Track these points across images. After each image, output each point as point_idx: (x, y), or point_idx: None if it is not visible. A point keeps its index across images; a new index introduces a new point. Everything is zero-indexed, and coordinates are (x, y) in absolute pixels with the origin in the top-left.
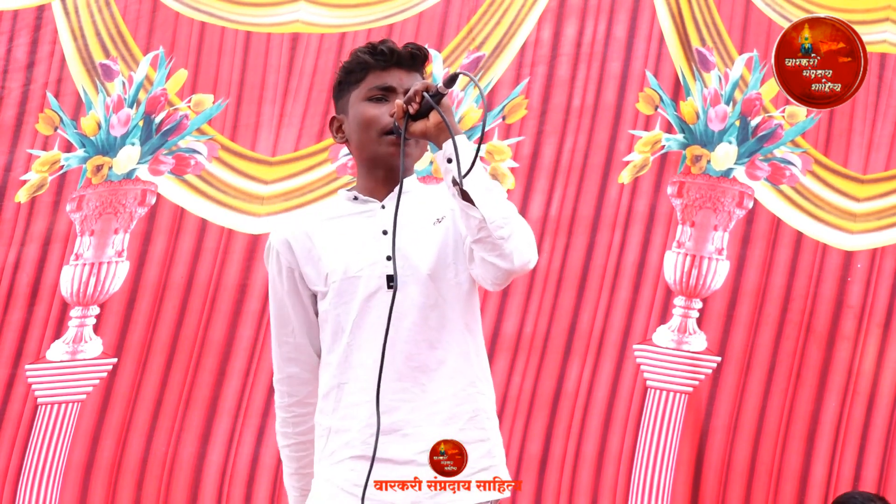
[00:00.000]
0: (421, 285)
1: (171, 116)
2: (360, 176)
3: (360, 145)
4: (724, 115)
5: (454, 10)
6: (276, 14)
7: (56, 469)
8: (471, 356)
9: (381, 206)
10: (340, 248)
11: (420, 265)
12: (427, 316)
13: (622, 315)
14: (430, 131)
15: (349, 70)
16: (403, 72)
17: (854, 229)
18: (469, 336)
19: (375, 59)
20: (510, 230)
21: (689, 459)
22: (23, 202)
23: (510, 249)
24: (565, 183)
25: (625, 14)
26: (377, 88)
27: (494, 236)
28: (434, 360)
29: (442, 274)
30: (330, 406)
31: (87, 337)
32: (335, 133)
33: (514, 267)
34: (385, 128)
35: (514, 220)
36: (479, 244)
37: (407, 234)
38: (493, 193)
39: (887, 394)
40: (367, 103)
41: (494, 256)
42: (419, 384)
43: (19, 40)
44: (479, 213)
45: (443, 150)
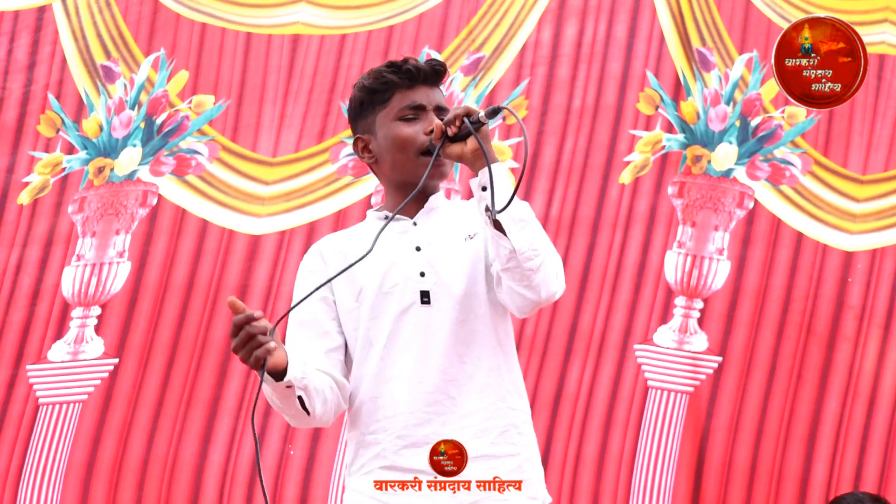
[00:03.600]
0: (453, 301)
1: (173, 118)
2: (390, 195)
3: (396, 165)
4: (725, 116)
5: (454, 11)
6: (276, 15)
7: (57, 469)
8: (502, 371)
9: (413, 223)
10: (375, 264)
11: (452, 282)
12: (458, 331)
13: (623, 315)
14: (466, 156)
15: (374, 90)
16: (429, 88)
17: (854, 230)
18: (500, 351)
19: (401, 79)
20: (540, 262)
21: (690, 459)
22: (25, 204)
23: (538, 281)
24: (566, 183)
25: (625, 14)
26: (408, 108)
27: (524, 267)
28: (464, 374)
29: (473, 290)
30: (362, 420)
31: (89, 337)
32: (361, 153)
33: (540, 299)
34: (422, 147)
35: (545, 251)
36: (508, 273)
37: (439, 249)
38: (525, 223)
39: (888, 394)
40: (400, 123)
41: (522, 287)
42: (451, 398)
43: (20, 41)
44: (510, 243)
45: (478, 177)
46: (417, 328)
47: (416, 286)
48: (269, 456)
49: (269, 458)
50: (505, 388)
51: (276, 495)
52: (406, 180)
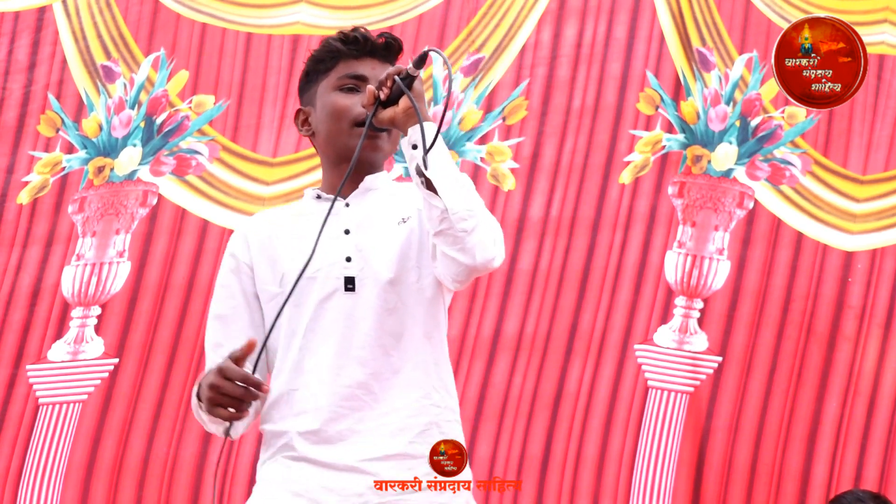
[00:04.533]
0: (379, 288)
1: (173, 117)
2: (325, 171)
3: (329, 137)
4: (725, 116)
5: (454, 11)
6: (277, 15)
7: (57, 469)
8: (429, 366)
9: (346, 203)
10: (299, 247)
11: (380, 268)
12: (384, 321)
13: (623, 315)
14: (398, 118)
15: (318, 59)
16: (377, 61)
17: (854, 230)
18: (428, 345)
19: (347, 48)
20: (474, 223)
21: (691, 459)
22: (24, 204)
23: (472, 244)
24: (566, 183)
25: (625, 14)
26: (348, 77)
27: (456, 228)
28: (389, 368)
29: (403, 277)
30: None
31: (89, 337)
32: (300, 126)
33: (475, 263)
34: (357, 118)
35: (480, 213)
36: (441, 237)
37: (369, 233)
38: (459, 184)
39: (888, 394)
40: (338, 93)
41: (455, 250)
42: (371, 393)
43: (20, 42)
44: (442, 202)
45: (408, 136)
46: (339, 317)
47: (341, 272)
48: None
49: None
50: (431, 385)
51: None
52: (340, 154)
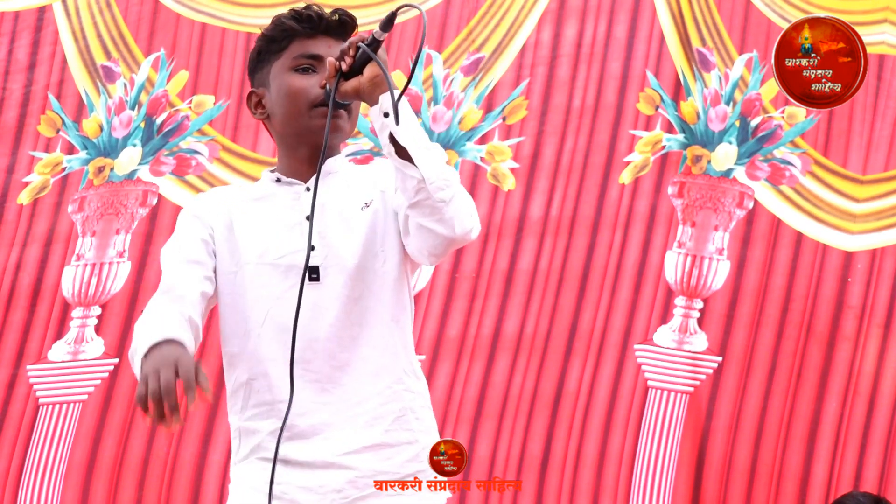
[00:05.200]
0: (345, 276)
1: (173, 117)
2: (283, 155)
3: (286, 120)
4: (725, 116)
5: (454, 11)
6: None
7: (57, 469)
8: (398, 350)
9: (306, 188)
10: (259, 232)
11: (345, 255)
12: (350, 310)
13: (623, 315)
14: (364, 87)
15: (271, 38)
16: (332, 40)
17: (854, 230)
18: (396, 329)
19: (301, 26)
20: (451, 193)
21: (690, 459)
22: (25, 204)
23: (451, 214)
24: (566, 183)
25: (625, 14)
26: (303, 57)
27: (434, 198)
28: (357, 357)
29: (369, 264)
30: (238, 404)
31: (89, 337)
32: (254, 109)
33: (454, 234)
34: (315, 99)
35: (456, 184)
36: (417, 208)
37: (332, 220)
38: (434, 153)
39: (888, 394)
40: (294, 74)
41: (433, 221)
42: (340, 385)
43: (20, 41)
44: (419, 172)
45: (379, 103)
46: (304, 307)
47: (303, 260)
48: None
49: None
50: (401, 369)
51: None
52: (298, 137)
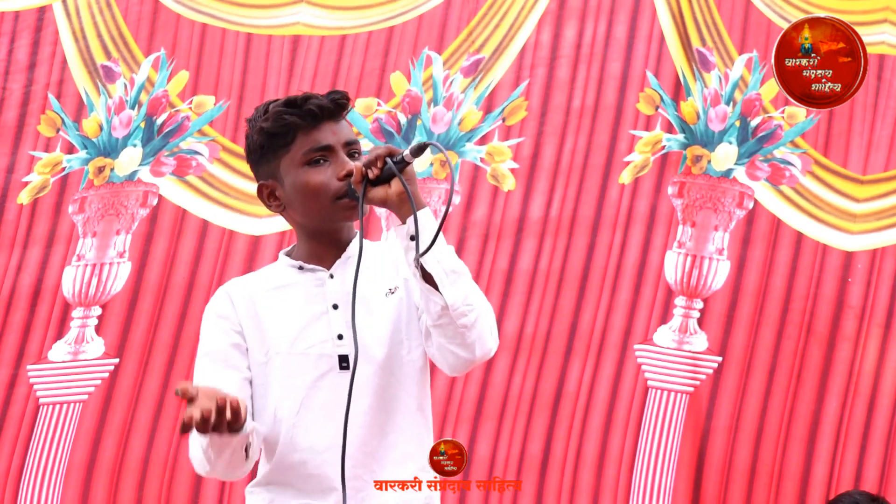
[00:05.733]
0: (375, 366)
1: (173, 118)
2: (303, 241)
3: (308, 214)
4: (725, 116)
5: (454, 12)
6: (276, 16)
7: (58, 469)
8: (423, 439)
9: (330, 274)
10: (286, 322)
11: (373, 345)
12: (380, 398)
13: (623, 315)
14: (391, 200)
15: (273, 134)
16: (333, 123)
17: (854, 230)
18: (421, 417)
19: (303, 119)
20: (474, 318)
21: (690, 459)
22: (25, 204)
23: (473, 339)
24: (566, 184)
25: (625, 15)
26: (314, 151)
27: (457, 324)
28: (385, 445)
29: (395, 353)
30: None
31: (89, 337)
32: (268, 199)
33: (475, 357)
34: (337, 192)
35: (479, 305)
36: (440, 329)
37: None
38: (458, 276)
39: (888, 394)
40: (308, 169)
41: (455, 345)
42: (371, 471)
43: (20, 41)
44: (442, 299)
45: (405, 224)
46: (335, 396)
47: (334, 350)
48: None
49: None
50: (425, 457)
51: None
52: (320, 228)
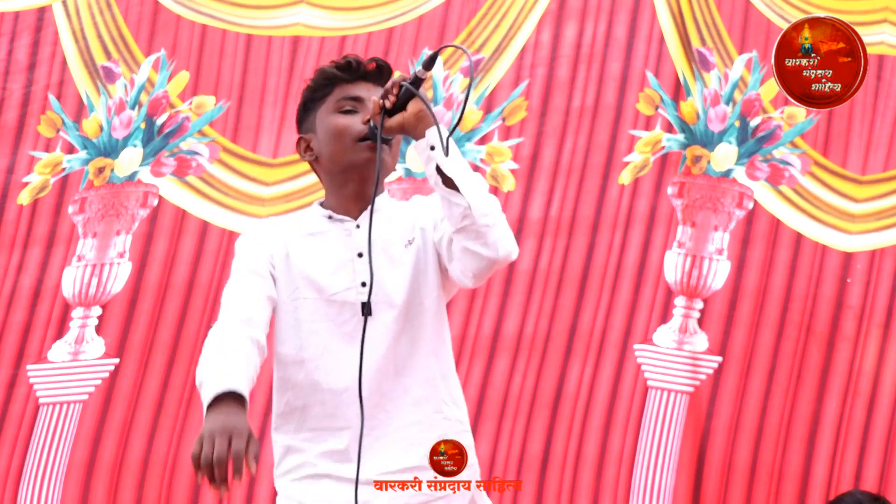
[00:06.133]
0: (394, 312)
1: (173, 118)
2: (331, 192)
3: (333, 157)
4: (724, 116)
5: (454, 12)
6: (277, 17)
7: (57, 469)
8: (437, 381)
9: (356, 225)
10: (315, 268)
11: (393, 292)
12: (397, 343)
13: (623, 315)
14: (408, 122)
15: (314, 87)
16: (371, 84)
17: (853, 230)
18: (434, 360)
19: (342, 73)
20: (494, 218)
21: (691, 459)
22: (25, 204)
23: (495, 238)
24: (565, 184)
25: (625, 15)
26: (346, 99)
27: (479, 224)
28: (400, 387)
29: (413, 300)
30: (291, 426)
31: (89, 337)
32: (304, 152)
33: (498, 256)
34: (359, 134)
35: (496, 208)
36: (463, 233)
37: (379, 257)
38: (476, 181)
39: (888, 394)
40: (338, 115)
41: (479, 245)
42: (385, 411)
43: (20, 42)
44: (464, 200)
45: (425, 137)
46: (356, 340)
47: (357, 297)
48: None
49: (270, 458)
50: (440, 398)
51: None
52: (345, 172)
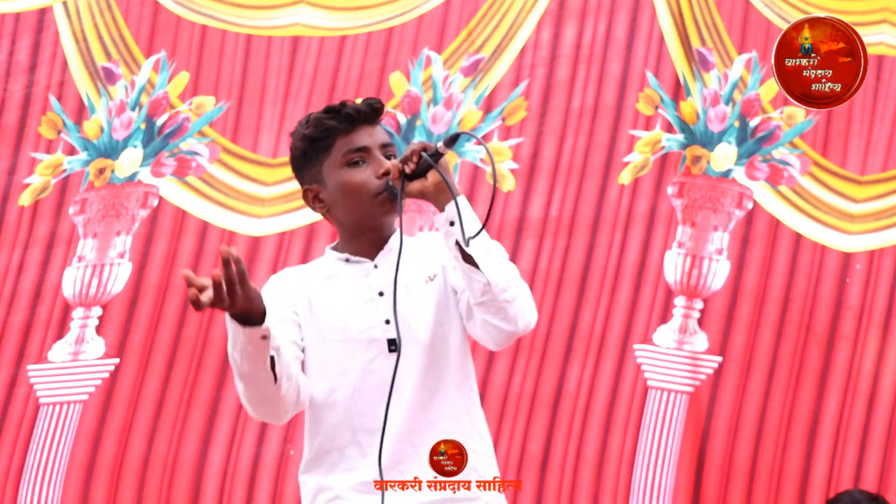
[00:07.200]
0: (420, 348)
1: (173, 119)
2: (346, 240)
3: (350, 211)
4: (724, 116)
5: (454, 12)
6: (276, 17)
7: (58, 469)
8: (461, 415)
9: (374, 265)
10: (338, 309)
11: (418, 328)
12: (424, 379)
13: (623, 315)
14: (428, 191)
15: (314, 139)
16: (369, 127)
17: (852, 230)
18: (459, 395)
19: (341, 123)
20: (514, 293)
21: (690, 459)
22: (26, 205)
23: (514, 312)
24: (565, 184)
25: (625, 15)
26: (352, 152)
27: (499, 299)
28: (427, 421)
29: (438, 335)
30: (324, 468)
31: (89, 338)
32: (313, 203)
33: (517, 329)
34: (376, 191)
35: (516, 281)
36: (482, 307)
37: (402, 295)
38: (495, 255)
39: (887, 394)
40: (348, 169)
41: (499, 319)
42: (413, 445)
43: (21, 43)
44: (484, 276)
45: (444, 212)
46: (385, 378)
47: (382, 334)
48: (270, 455)
49: (270, 458)
50: (465, 432)
51: (275, 495)
52: (363, 225)
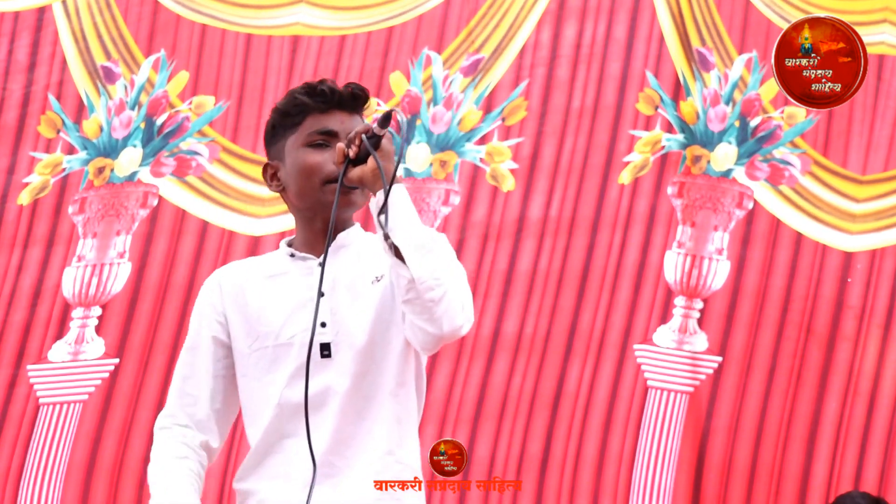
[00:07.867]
0: (354, 352)
1: (173, 118)
2: (299, 227)
3: (300, 194)
4: (724, 116)
5: (454, 12)
6: (276, 16)
7: (58, 469)
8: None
9: (318, 263)
10: (272, 312)
11: (356, 332)
12: (359, 385)
13: (623, 315)
14: (366, 177)
15: (285, 113)
16: (345, 114)
17: (853, 230)
18: (393, 402)
19: (314, 101)
20: (441, 292)
21: (690, 459)
22: (25, 204)
23: (440, 314)
24: (565, 184)
25: (625, 14)
26: (317, 133)
27: (424, 298)
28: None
29: (376, 339)
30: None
31: (89, 338)
32: (270, 181)
33: (442, 333)
34: (329, 175)
35: (448, 281)
36: (408, 305)
37: (342, 296)
38: (427, 251)
39: (888, 394)
40: (308, 149)
41: (423, 320)
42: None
43: (20, 42)
44: (409, 272)
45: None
46: (316, 383)
47: (317, 338)
48: None
49: None
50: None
51: None
52: (313, 210)
